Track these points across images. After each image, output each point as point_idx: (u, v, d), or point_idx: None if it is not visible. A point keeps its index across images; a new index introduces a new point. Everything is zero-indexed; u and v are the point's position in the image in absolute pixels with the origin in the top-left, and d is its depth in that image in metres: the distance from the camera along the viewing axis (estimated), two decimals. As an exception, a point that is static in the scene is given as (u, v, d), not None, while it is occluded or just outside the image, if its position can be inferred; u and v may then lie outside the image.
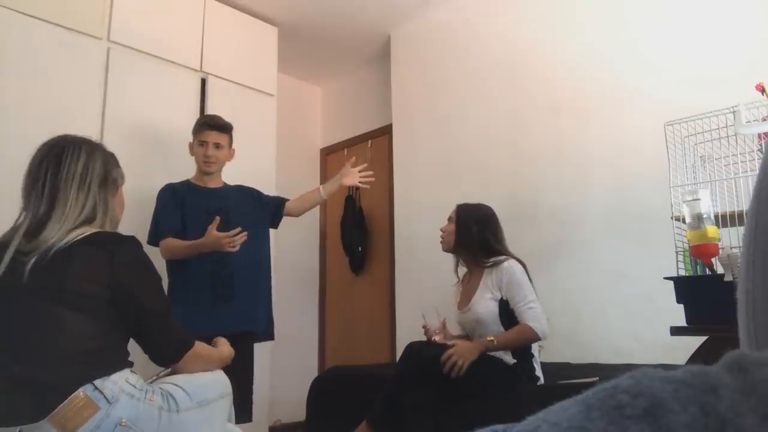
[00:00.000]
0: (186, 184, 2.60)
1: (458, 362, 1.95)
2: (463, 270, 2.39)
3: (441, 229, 2.35)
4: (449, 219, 2.34)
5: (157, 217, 2.49)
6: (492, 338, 2.04)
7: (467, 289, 2.30)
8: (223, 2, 3.50)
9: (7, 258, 1.37)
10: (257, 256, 2.63)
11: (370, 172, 2.78)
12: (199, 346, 1.57)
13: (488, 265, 2.20)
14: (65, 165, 1.46)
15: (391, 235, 3.91)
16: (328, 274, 4.60)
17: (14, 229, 1.44)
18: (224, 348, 1.71)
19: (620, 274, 2.69)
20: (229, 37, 3.48)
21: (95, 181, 1.50)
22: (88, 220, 1.47)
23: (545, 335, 2.06)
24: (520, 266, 2.16)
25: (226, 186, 2.67)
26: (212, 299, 2.43)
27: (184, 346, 1.52)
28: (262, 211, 2.70)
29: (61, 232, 1.39)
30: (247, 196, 2.70)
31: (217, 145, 2.55)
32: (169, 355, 1.52)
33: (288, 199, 2.78)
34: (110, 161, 1.57)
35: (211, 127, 2.55)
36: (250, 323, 2.53)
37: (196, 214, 2.49)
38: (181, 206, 2.50)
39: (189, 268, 2.42)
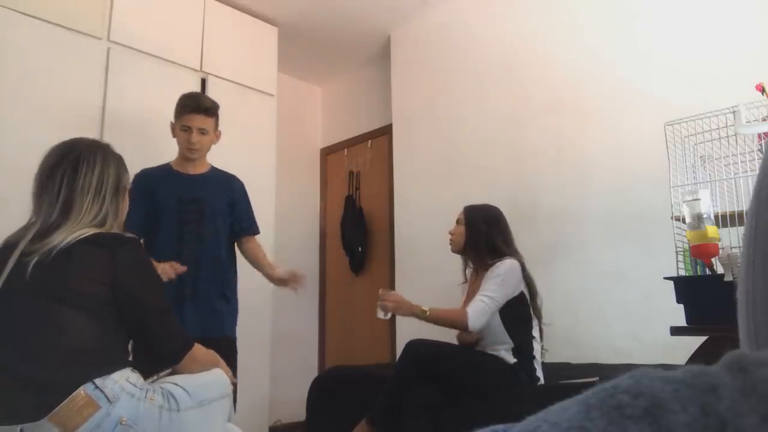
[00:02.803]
0: (164, 170, 2.43)
1: (387, 306, 2.11)
2: (470, 271, 2.39)
3: (450, 232, 2.36)
4: (457, 221, 2.34)
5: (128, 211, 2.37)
6: (426, 309, 2.10)
7: (473, 288, 2.30)
8: (223, 2, 3.49)
9: (12, 259, 1.38)
10: (220, 256, 2.46)
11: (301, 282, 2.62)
12: (197, 348, 1.58)
13: (492, 266, 2.20)
14: (81, 173, 1.46)
15: (391, 235, 3.91)
16: (328, 274, 4.60)
17: (23, 231, 1.45)
18: (223, 364, 1.71)
19: (620, 274, 2.69)
20: (229, 37, 3.48)
21: (109, 191, 1.51)
22: (97, 225, 1.48)
23: (473, 328, 2.05)
24: (509, 265, 2.14)
25: (208, 172, 2.49)
26: (177, 299, 2.25)
27: (185, 345, 1.53)
28: (230, 216, 2.52)
29: (66, 234, 1.40)
30: (223, 192, 2.51)
31: (202, 131, 2.36)
32: (171, 353, 1.52)
33: (257, 233, 2.59)
34: (121, 167, 1.58)
35: (196, 111, 2.35)
36: (220, 327, 2.38)
37: (168, 201, 2.34)
38: (153, 194, 2.35)
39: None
